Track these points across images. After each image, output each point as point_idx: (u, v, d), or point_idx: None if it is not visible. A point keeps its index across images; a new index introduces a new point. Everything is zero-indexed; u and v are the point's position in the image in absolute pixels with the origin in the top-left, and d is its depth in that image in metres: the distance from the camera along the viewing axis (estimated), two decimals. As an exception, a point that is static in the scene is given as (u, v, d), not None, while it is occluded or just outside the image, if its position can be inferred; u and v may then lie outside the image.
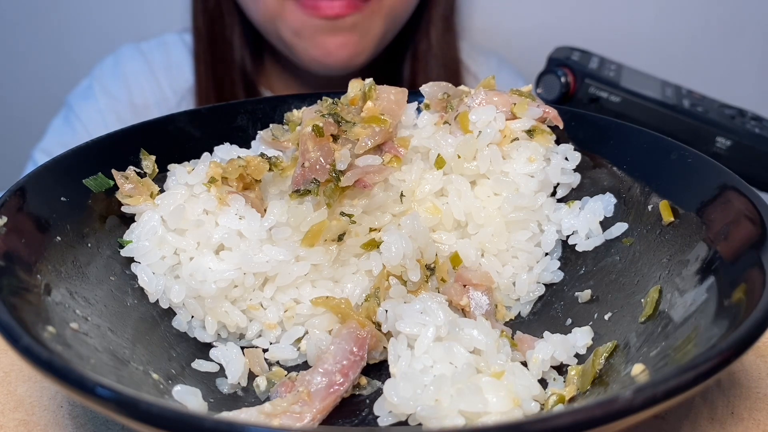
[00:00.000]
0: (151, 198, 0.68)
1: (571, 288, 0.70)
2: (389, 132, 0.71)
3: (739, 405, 0.61)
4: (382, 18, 1.26)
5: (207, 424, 0.39)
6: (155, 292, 0.65)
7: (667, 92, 1.15)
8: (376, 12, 1.24)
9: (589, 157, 0.74)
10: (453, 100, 0.76)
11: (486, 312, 0.67)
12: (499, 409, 0.52)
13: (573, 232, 0.72)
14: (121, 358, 0.56)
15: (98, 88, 1.42)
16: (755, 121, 1.13)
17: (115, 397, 0.41)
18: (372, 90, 0.73)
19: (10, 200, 0.59)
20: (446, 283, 0.70)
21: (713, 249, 0.58)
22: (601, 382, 0.57)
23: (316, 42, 1.24)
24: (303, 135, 0.69)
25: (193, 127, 0.78)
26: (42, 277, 0.56)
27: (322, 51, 1.25)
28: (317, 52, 1.25)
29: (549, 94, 1.13)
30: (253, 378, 0.64)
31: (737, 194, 0.60)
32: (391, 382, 0.55)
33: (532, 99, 0.75)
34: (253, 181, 0.70)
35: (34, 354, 0.44)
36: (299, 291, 0.68)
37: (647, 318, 0.59)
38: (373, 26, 1.26)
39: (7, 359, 0.66)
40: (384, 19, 1.27)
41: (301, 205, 0.66)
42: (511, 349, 0.61)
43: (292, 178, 0.69)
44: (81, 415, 0.60)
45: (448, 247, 0.73)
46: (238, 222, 0.66)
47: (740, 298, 0.50)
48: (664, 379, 0.41)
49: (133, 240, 0.66)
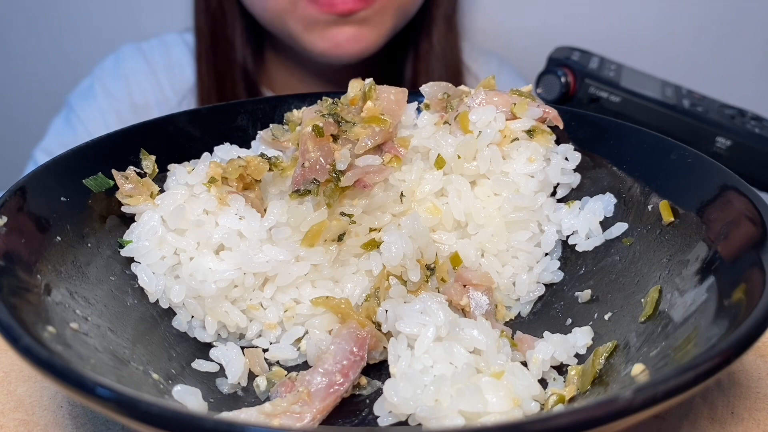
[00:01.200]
0: (151, 198, 0.68)
1: (571, 288, 0.70)
2: (389, 132, 0.71)
3: (739, 405, 0.61)
4: (393, 12, 1.27)
5: (207, 424, 0.39)
6: (155, 292, 0.65)
7: (667, 92, 1.15)
8: (386, 7, 1.25)
9: (589, 157, 0.74)
10: (453, 100, 0.76)
11: (486, 312, 0.67)
12: (499, 409, 0.52)
13: (573, 232, 0.72)
14: (121, 358, 0.56)
15: (99, 88, 1.42)
16: (755, 121, 1.13)
17: (115, 397, 0.41)
18: (372, 90, 0.73)
19: (10, 200, 0.59)
20: (446, 283, 0.70)
21: (713, 249, 0.58)
22: (601, 382, 0.57)
23: (326, 35, 1.24)
24: (303, 135, 0.69)
25: (193, 127, 0.78)
26: (42, 277, 0.56)
27: (331, 43, 1.25)
28: (326, 45, 1.25)
29: (549, 94, 1.13)
30: (253, 378, 0.64)
31: (737, 194, 0.60)
32: (391, 382, 0.55)
33: (532, 99, 0.75)
34: (253, 181, 0.70)
35: (34, 354, 0.44)
36: (299, 291, 0.68)
37: (647, 318, 0.59)
38: (383, 20, 1.27)
39: (7, 359, 0.66)
40: (394, 14, 1.28)
41: (301, 205, 0.66)
42: (511, 349, 0.61)
43: (292, 178, 0.69)
44: (81, 415, 0.60)
45: (448, 247, 0.73)
46: (238, 222, 0.66)
47: (740, 298, 0.50)
48: (664, 379, 0.41)
49: (133, 240, 0.66)
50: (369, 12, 1.23)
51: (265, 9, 1.27)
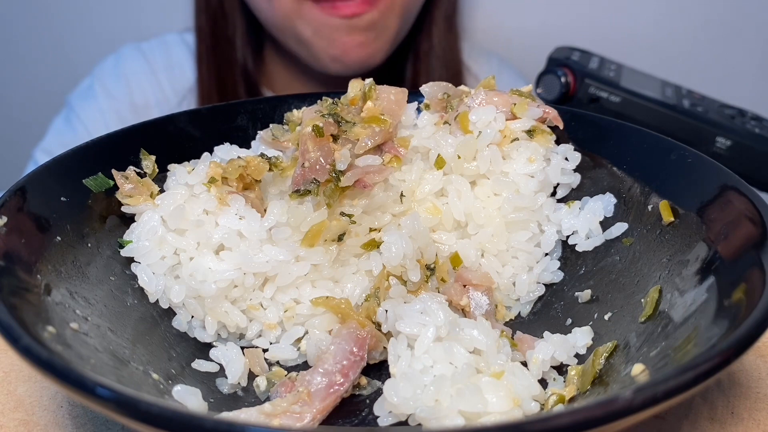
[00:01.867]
0: (151, 198, 0.68)
1: (571, 288, 0.70)
2: (389, 132, 0.71)
3: (739, 405, 0.61)
4: (398, 15, 1.28)
5: (207, 424, 0.39)
6: (155, 292, 0.65)
7: (667, 92, 1.15)
8: (390, 9, 1.26)
9: (589, 157, 0.74)
10: (453, 100, 0.76)
11: (486, 312, 0.67)
12: (499, 409, 0.52)
13: (573, 232, 0.72)
14: (121, 358, 0.56)
15: (99, 88, 1.42)
16: (755, 121, 1.13)
17: (115, 397, 0.41)
18: (372, 90, 0.73)
19: (10, 200, 0.59)
20: (446, 283, 0.70)
21: (713, 249, 0.58)
22: (601, 382, 0.57)
23: (335, 41, 1.25)
24: (303, 135, 0.69)
25: (193, 127, 0.78)
26: (42, 277, 0.56)
27: (340, 50, 1.26)
28: (336, 51, 1.26)
29: (549, 94, 1.13)
30: (253, 378, 0.64)
31: (737, 194, 0.60)
32: (391, 382, 0.55)
33: (532, 99, 0.75)
34: (253, 181, 0.70)
35: (34, 354, 0.44)
36: (299, 291, 0.68)
37: (647, 318, 0.59)
38: (389, 24, 1.28)
39: (7, 359, 0.67)
40: (399, 16, 1.29)
41: (301, 205, 0.66)
42: (511, 349, 0.61)
43: (292, 178, 0.69)
44: (81, 415, 0.60)
45: (448, 248, 0.73)
46: (238, 222, 0.66)
47: (740, 298, 0.50)
48: (664, 379, 0.41)
49: (133, 240, 0.66)
50: (374, 14, 1.24)
51: (272, 14, 1.27)
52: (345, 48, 1.26)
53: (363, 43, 1.26)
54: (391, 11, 1.26)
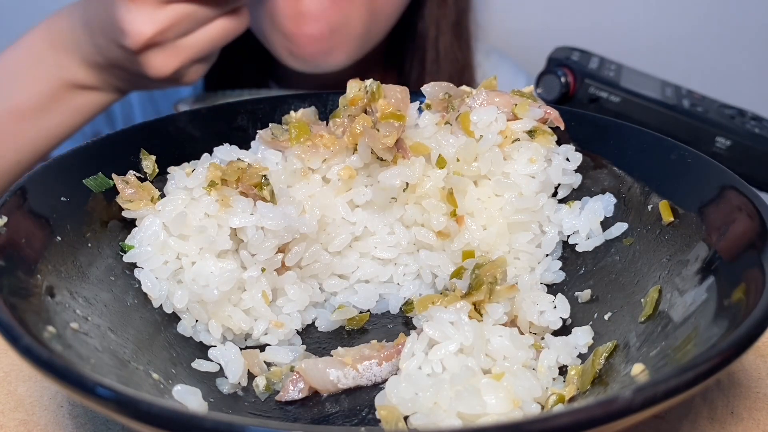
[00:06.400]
0: (152, 203, 0.67)
1: (571, 288, 0.70)
2: (403, 127, 0.71)
3: (739, 405, 0.61)
4: (361, 12, 1.20)
5: (207, 424, 0.39)
6: (158, 297, 0.64)
7: (667, 92, 1.15)
8: (352, 3, 1.18)
9: (589, 158, 0.74)
10: (454, 101, 0.76)
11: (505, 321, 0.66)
12: (499, 410, 0.52)
13: (573, 233, 0.72)
14: (121, 358, 0.56)
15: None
16: (755, 121, 1.13)
17: (115, 397, 0.41)
18: (380, 89, 0.73)
19: (10, 200, 0.59)
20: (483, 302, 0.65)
21: (713, 249, 0.58)
22: (601, 382, 0.57)
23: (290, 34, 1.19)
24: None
25: (193, 128, 0.78)
26: (42, 277, 0.56)
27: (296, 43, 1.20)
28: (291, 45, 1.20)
29: (549, 94, 1.13)
30: (253, 378, 0.64)
31: (737, 194, 0.60)
32: (394, 380, 0.54)
33: (534, 100, 0.75)
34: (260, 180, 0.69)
35: (35, 354, 0.44)
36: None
37: (647, 318, 0.59)
38: (350, 22, 1.20)
39: (7, 359, 0.67)
40: (364, 14, 1.21)
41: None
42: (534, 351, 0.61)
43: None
44: (81, 415, 0.60)
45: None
46: (250, 217, 0.65)
47: (740, 298, 0.50)
48: (664, 379, 0.41)
49: (135, 245, 0.65)
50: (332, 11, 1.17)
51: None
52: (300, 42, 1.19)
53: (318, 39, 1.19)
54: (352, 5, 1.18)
